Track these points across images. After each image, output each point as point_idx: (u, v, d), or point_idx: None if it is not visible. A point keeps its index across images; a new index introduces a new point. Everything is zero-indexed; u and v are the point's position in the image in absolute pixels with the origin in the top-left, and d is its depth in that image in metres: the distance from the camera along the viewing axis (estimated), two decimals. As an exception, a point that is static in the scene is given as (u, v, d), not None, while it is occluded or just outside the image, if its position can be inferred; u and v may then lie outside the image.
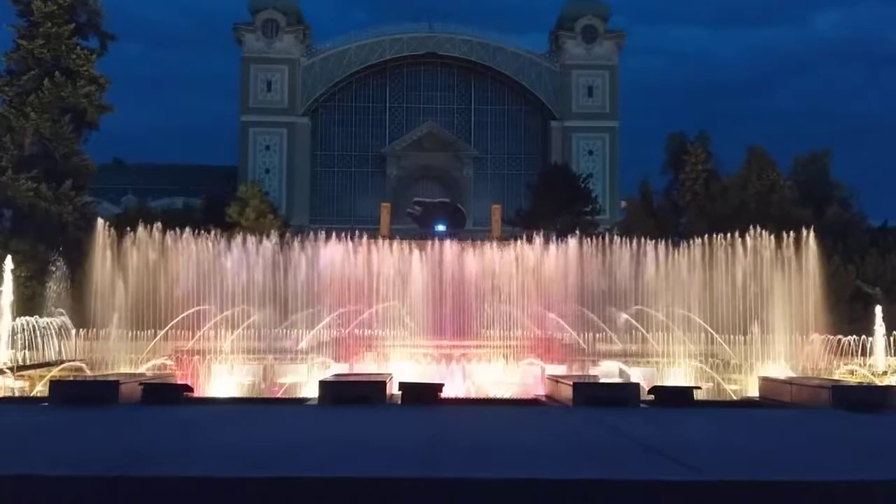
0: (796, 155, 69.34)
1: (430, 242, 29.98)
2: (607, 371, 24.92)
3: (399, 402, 15.49)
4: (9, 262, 29.34)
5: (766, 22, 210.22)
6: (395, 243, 30.14)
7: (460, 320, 26.31)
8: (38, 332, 27.95)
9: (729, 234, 31.05)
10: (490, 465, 7.96)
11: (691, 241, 30.93)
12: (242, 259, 30.29)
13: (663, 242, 30.61)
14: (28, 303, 33.70)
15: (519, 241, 30.94)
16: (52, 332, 28.02)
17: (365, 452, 8.76)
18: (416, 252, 28.81)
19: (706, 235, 31.27)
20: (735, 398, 22.26)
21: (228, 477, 7.09)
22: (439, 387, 15.80)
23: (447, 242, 29.25)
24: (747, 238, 30.69)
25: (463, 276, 27.76)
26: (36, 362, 26.38)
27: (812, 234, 30.81)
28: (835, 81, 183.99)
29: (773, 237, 30.35)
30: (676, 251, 29.99)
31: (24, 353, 27.20)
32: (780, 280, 30.17)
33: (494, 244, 31.30)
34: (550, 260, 29.23)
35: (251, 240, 31.81)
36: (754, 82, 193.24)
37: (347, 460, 8.20)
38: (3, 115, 50.81)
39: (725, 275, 29.95)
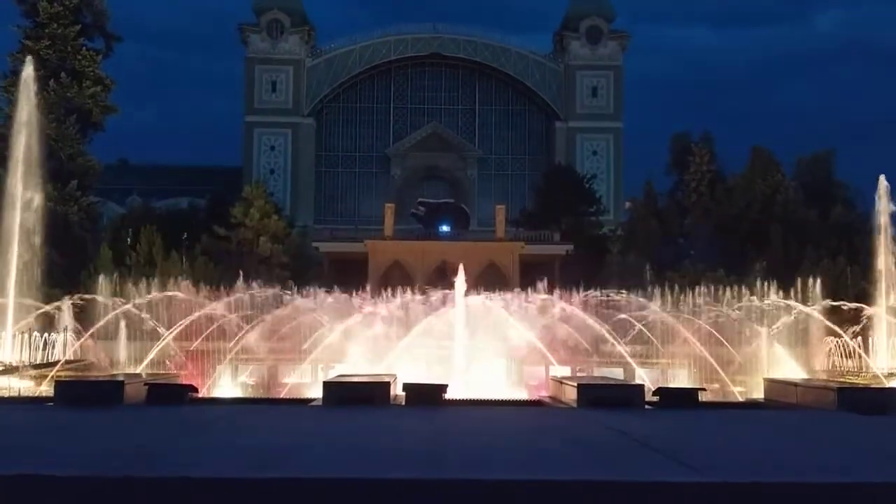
0: (800, 155, 69.34)
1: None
2: (612, 373, 24.88)
3: (403, 402, 15.47)
4: (14, 264, 29.40)
5: (768, 21, 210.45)
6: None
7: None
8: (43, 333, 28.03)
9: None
10: (494, 466, 7.95)
11: None
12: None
13: None
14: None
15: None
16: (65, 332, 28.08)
17: (369, 453, 8.76)
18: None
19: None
20: (740, 400, 22.21)
21: (233, 477, 7.09)
22: (443, 388, 15.77)
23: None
24: None
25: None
26: (42, 362, 26.42)
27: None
28: (838, 80, 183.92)
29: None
30: None
31: (30, 353, 27.24)
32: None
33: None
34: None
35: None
36: (758, 81, 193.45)
37: (351, 461, 8.20)
38: (9, 116, 50.99)
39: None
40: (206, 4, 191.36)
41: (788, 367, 25.60)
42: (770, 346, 26.84)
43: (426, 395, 15.31)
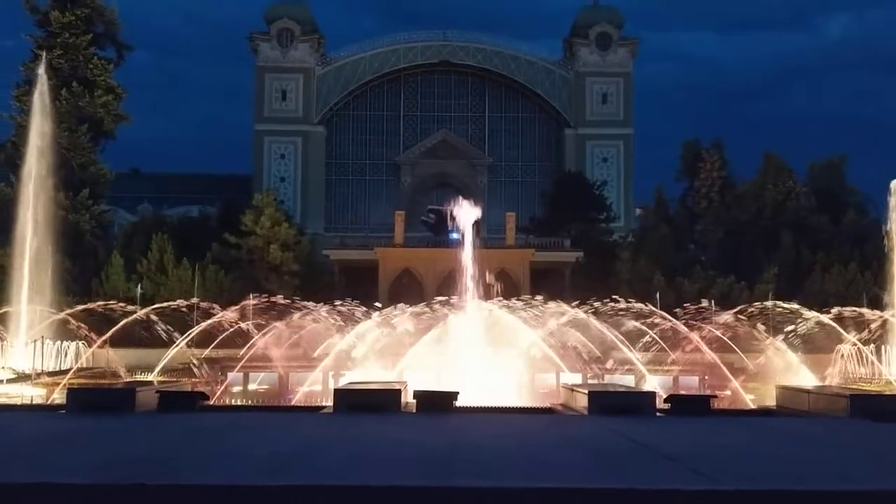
0: (812, 161, 69.12)
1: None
2: (622, 380, 24.81)
3: (414, 410, 15.46)
4: (26, 271, 29.59)
5: (777, 26, 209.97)
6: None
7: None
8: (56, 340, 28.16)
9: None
10: (504, 474, 7.93)
11: None
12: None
13: None
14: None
15: None
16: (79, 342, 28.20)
17: (378, 460, 8.76)
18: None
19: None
20: (752, 407, 22.09)
21: (244, 484, 7.10)
22: (454, 395, 15.74)
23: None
24: None
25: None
26: (55, 370, 26.55)
27: None
28: (849, 86, 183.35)
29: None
30: None
31: (42, 360, 27.39)
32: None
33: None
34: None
35: None
36: (768, 87, 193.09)
37: (361, 468, 8.20)
38: (21, 125, 51.39)
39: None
40: (216, 13, 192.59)
41: (800, 374, 25.47)
42: (782, 353, 26.71)
43: (437, 403, 15.29)
